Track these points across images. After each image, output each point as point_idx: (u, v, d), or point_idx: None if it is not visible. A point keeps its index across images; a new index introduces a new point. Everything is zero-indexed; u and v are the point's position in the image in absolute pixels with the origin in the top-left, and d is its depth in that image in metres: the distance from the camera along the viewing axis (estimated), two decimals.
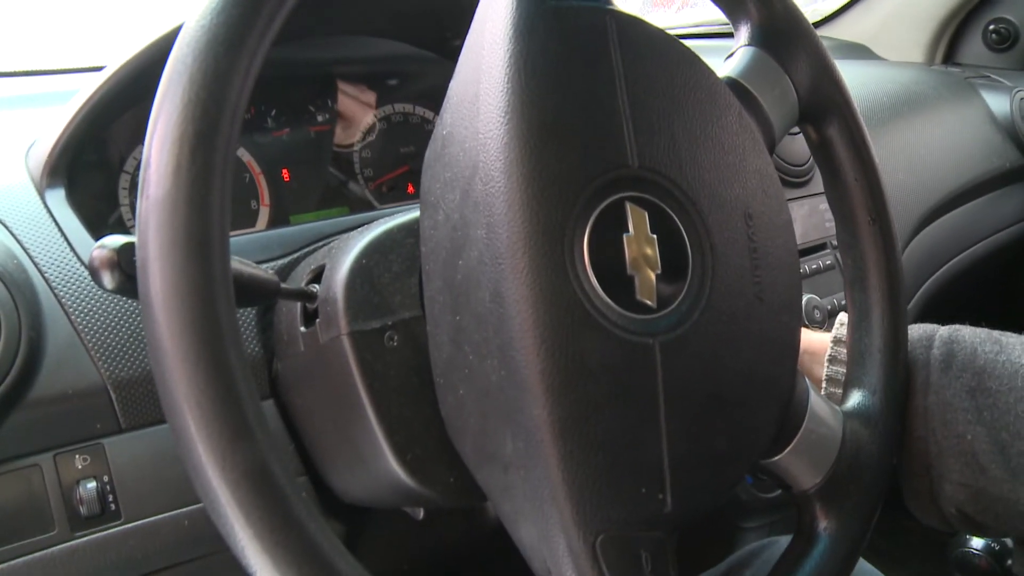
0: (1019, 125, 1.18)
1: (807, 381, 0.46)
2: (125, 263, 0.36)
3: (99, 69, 0.58)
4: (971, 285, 1.13)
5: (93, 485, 0.47)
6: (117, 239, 0.37)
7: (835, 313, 0.81)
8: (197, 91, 0.32)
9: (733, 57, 0.50)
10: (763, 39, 0.49)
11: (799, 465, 0.45)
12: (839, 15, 1.40)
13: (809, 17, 0.50)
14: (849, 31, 1.38)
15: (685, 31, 1.33)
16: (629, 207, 0.38)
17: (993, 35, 1.35)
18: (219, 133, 0.32)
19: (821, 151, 0.52)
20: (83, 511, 0.47)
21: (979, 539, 0.97)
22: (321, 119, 0.74)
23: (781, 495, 0.82)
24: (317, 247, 0.57)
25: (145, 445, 0.49)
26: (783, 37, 0.49)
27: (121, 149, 0.65)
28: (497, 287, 0.36)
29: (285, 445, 0.52)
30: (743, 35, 0.50)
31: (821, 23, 1.41)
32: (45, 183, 0.55)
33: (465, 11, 0.42)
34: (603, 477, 0.36)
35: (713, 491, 0.40)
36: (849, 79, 0.52)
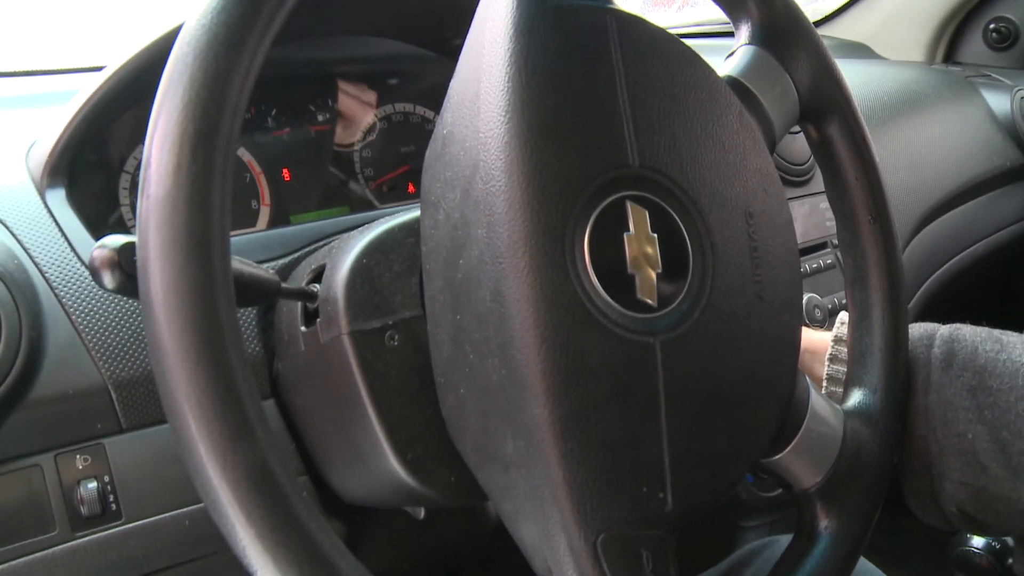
0: (1019, 124, 1.18)
1: (808, 380, 0.46)
2: (126, 263, 0.36)
3: (99, 69, 0.58)
4: (972, 284, 1.13)
5: (94, 485, 0.47)
6: (117, 239, 0.37)
7: (836, 312, 0.81)
8: (198, 90, 0.32)
9: (734, 56, 0.50)
10: (764, 38, 0.49)
11: (800, 464, 0.45)
12: (840, 14, 1.40)
13: (810, 16, 0.50)
14: (850, 30, 1.38)
15: (686, 30, 1.33)
16: (630, 206, 0.38)
17: (993, 34, 1.35)
18: (219, 132, 0.32)
19: (822, 150, 0.52)
20: (84, 511, 0.47)
21: (980, 538, 0.97)
22: (321, 119, 0.74)
23: (782, 494, 0.83)
24: (317, 247, 0.57)
25: (146, 445, 0.49)
26: (784, 36, 0.49)
27: (121, 149, 0.65)
28: (498, 286, 0.36)
29: (286, 445, 0.52)
30: (743, 34, 0.50)
31: (822, 22, 1.41)
32: (45, 183, 0.55)
33: (465, 10, 0.42)
34: (604, 476, 0.36)
35: (714, 490, 0.40)
36: (850, 78, 0.52)
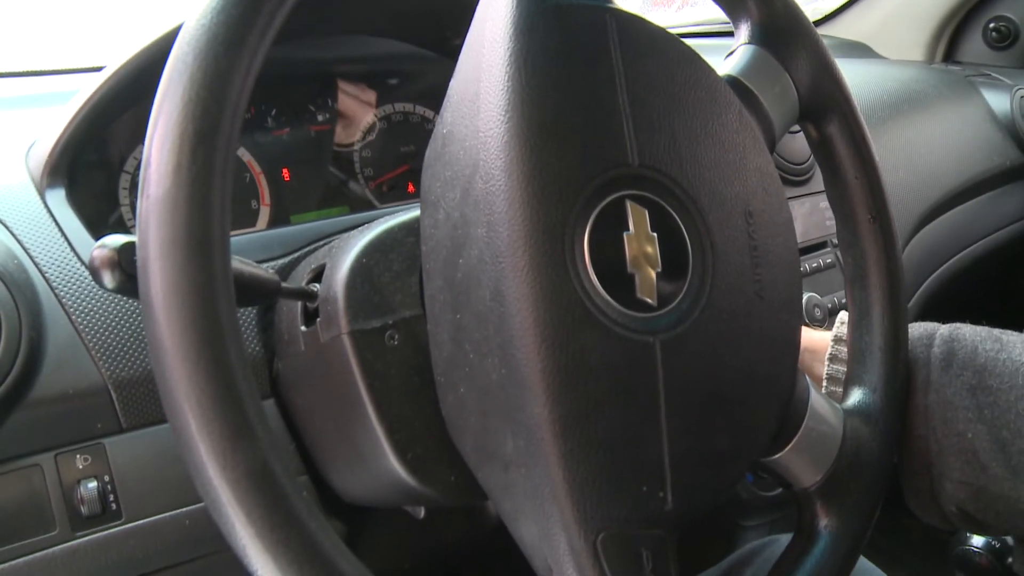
0: (1019, 123, 1.18)
1: (807, 379, 0.46)
2: (126, 262, 0.36)
3: (99, 69, 0.58)
4: (971, 283, 1.13)
5: (94, 485, 0.47)
6: (117, 238, 0.37)
7: (835, 311, 0.81)
8: (198, 90, 0.32)
9: (733, 55, 0.50)
10: (763, 37, 0.49)
11: (800, 463, 0.45)
12: (839, 13, 1.40)
13: (809, 15, 0.50)
14: (849, 29, 1.38)
15: (685, 29, 1.33)
16: (629, 205, 0.38)
17: (993, 33, 1.35)
18: (220, 132, 0.32)
19: (821, 149, 0.52)
20: (84, 511, 0.47)
21: (980, 537, 0.97)
22: (321, 118, 0.74)
23: (782, 493, 0.83)
24: (317, 246, 0.57)
25: (146, 445, 0.49)
26: (783, 35, 0.49)
27: (121, 149, 0.65)
28: (497, 285, 0.36)
29: (286, 444, 0.52)
30: (743, 33, 0.50)
31: (821, 21, 1.41)
32: (45, 183, 0.55)
33: (465, 10, 0.42)
34: (604, 475, 0.36)
35: (714, 489, 0.40)
36: (849, 77, 0.52)
